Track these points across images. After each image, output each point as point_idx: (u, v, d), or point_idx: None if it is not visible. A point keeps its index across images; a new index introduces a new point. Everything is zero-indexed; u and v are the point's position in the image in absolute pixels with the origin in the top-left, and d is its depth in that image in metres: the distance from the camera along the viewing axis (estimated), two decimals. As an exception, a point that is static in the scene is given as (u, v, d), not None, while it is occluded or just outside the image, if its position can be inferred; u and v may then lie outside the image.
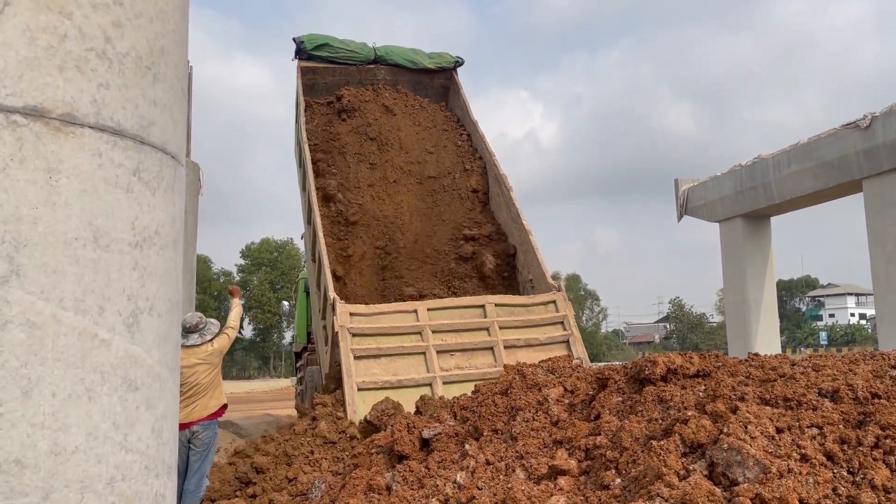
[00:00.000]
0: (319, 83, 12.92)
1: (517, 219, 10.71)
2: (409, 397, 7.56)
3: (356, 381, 7.66)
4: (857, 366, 4.23)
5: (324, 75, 12.89)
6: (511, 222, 11.01)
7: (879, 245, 14.13)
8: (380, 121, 12.18)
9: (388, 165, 11.64)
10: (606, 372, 4.91)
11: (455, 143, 12.43)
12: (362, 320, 8.33)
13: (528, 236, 10.33)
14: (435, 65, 13.41)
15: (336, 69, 12.89)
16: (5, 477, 1.50)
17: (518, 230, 10.71)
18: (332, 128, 11.94)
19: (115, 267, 1.71)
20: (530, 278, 10.33)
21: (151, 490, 1.82)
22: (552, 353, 8.24)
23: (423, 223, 11.32)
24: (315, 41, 12.70)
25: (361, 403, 7.49)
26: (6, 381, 1.51)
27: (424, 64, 13.32)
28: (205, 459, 6.14)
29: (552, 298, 9.25)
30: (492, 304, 8.88)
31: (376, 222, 11.00)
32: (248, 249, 69.17)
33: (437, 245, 11.12)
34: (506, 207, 11.19)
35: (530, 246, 10.24)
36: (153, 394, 1.83)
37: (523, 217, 10.60)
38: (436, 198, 11.62)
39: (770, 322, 18.47)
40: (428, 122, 12.70)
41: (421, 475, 4.72)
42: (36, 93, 1.59)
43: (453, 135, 12.58)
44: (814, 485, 3.06)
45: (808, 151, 15.81)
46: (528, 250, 10.38)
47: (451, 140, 12.46)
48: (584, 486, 3.76)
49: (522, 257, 10.67)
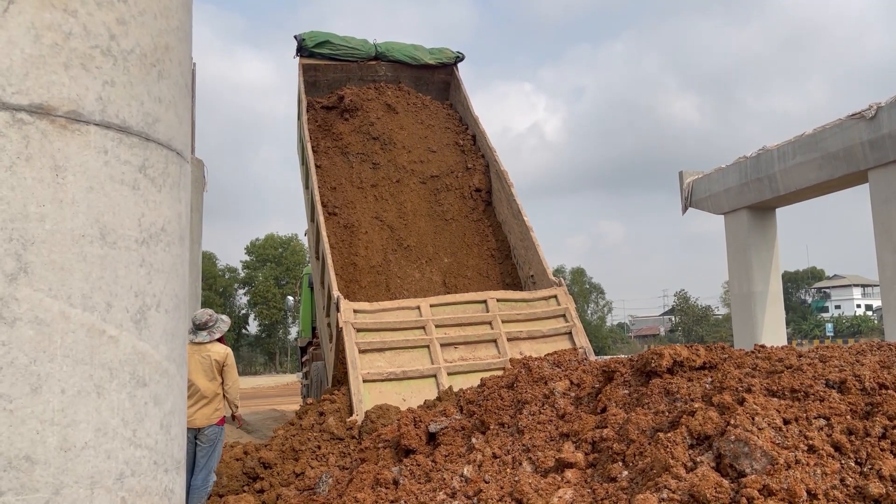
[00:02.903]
0: (321, 80, 12.97)
1: (518, 215, 10.76)
2: (414, 388, 7.65)
3: (361, 374, 7.70)
4: (865, 356, 4.22)
5: (325, 72, 12.95)
6: (512, 218, 11.06)
7: (885, 235, 14.08)
8: (382, 119, 12.13)
9: (390, 165, 11.61)
10: (612, 365, 4.91)
11: (457, 141, 12.42)
12: (366, 316, 8.38)
13: (528, 232, 10.38)
14: (436, 60, 13.43)
15: (337, 66, 12.94)
16: (16, 473, 1.51)
17: (519, 226, 10.76)
18: (335, 128, 11.91)
19: (122, 263, 1.72)
20: (531, 274, 10.38)
21: (161, 485, 1.83)
22: (555, 344, 8.35)
23: (426, 223, 11.32)
24: (316, 38, 12.76)
25: (367, 394, 7.55)
26: (15, 377, 1.52)
27: (425, 60, 13.35)
28: (212, 455, 6.16)
29: (553, 293, 9.31)
30: (494, 300, 8.94)
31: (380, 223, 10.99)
32: (253, 245, 69.27)
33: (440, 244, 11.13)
34: (507, 203, 11.23)
35: (531, 242, 10.29)
36: (161, 389, 1.84)
37: (524, 213, 10.64)
38: (438, 197, 11.61)
39: (776, 314, 18.44)
40: (430, 121, 12.68)
41: (428, 469, 4.73)
42: (41, 91, 1.59)
43: (455, 133, 12.56)
44: (821, 476, 3.05)
45: (814, 142, 15.75)
46: (529, 246, 10.42)
47: (453, 138, 12.45)
48: (591, 478, 3.76)
49: (524, 253, 10.70)
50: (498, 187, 11.61)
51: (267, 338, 68.30)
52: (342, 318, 8.17)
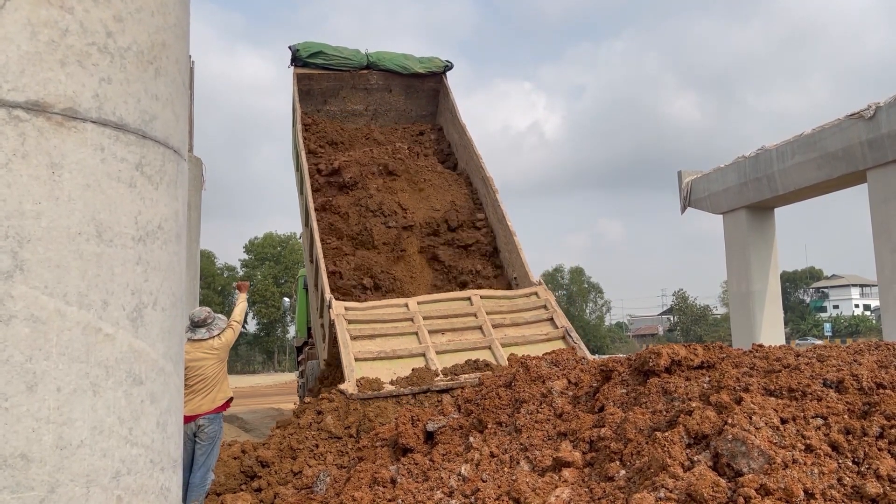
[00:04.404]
0: (315, 89, 13.53)
1: (503, 220, 11.21)
2: (404, 364, 8.03)
3: (353, 353, 8.03)
4: (862, 356, 4.22)
5: (319, 81, 13.48)
6: (497, 223, 11.52)
7: (884, 235, 14.09)
8: (381, 190, 12.17)
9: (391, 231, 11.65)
10: (610, 364, 4.91)
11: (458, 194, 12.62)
12: (357, 313, 8.76)
13: (512, 237, 10.87)
14: (425, 69, 13.90)
15: (331, 75, 13.47)
16: (11, 471, 1.51)
17: (504, 231, 11.22)
18: (335, 200, 11.95)
19: (118, 261, 1.71)
20: (515, 276, 10.86)
21: (157, 484, 1.82)
22: (538, 328, 8.94)
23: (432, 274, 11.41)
24: (310, 49, 13.25)
25: (359, 369, 7.84)
26: (11, 375, 1.52)
27: (415, 69, 13.81)
28: (210, 453, 6.16)
29: (534, 290, 9.76)
30: (477, 296, 9.41)
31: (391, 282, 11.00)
32: (252, 244, 69.28)
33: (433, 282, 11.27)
34: (492, 209, 11.67)
35: (514, 246, 10.78)
36: (158, 388, 1.83)
37: (508, 219, 11.12)
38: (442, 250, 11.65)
39: (774, 313, 18.45)
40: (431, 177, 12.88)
41: (426, 468, 4.73)
42: (38, 88, 1.58)
43: (457, 188, 12.75)
44: (819, 475, 3.06)
45: (812, 142, 15.76)
46: (512, 250, 10.91)
47: (456, 193, 12.64)
48: (588, 477, 3.76)
49: (508, 256, 11.19)
50: (484, 192, 12.04)
51: (265, 336, 68.32)
52: (334, 312, 8.57)
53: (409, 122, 14.26)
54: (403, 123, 14.21)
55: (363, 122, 14.00)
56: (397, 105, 14.21)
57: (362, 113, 14.03)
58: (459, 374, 7.79)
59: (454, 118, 13.24)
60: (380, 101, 14.08)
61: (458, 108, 13.24)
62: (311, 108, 13.58)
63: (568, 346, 8.11)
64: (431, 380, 7.66)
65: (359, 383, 7.52)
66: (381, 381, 7.58)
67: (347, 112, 13.94)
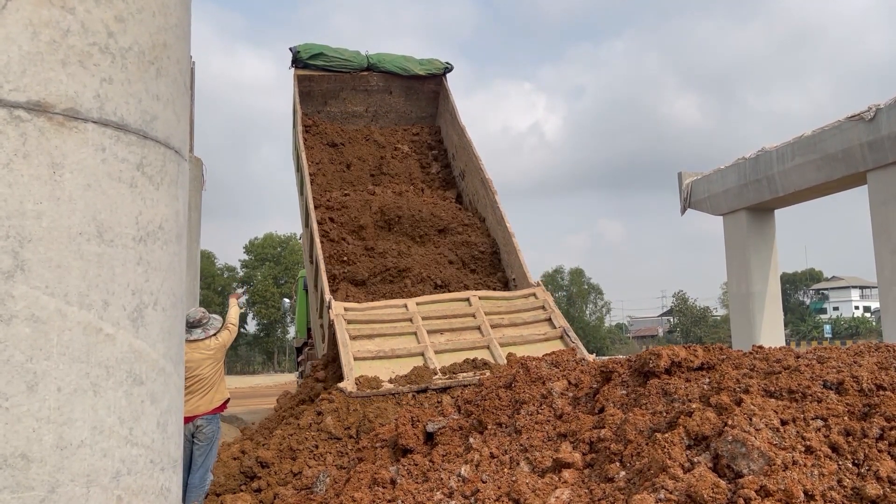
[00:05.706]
0: (315, 90, 13.61)
1: (501, 221, 11.29)
2: (403, 363, 8.06)
3: (352, 352, 8.07)
4: (862, 358, 4.22)
5: (319, 83, 13.57)
6: (496, 224, 11.60)
7: (884, 237, 14.09)
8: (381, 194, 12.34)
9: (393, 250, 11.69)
10: (610, 365, 4.91)
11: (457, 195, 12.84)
12: (356, 313, 8.82)
13: (511, 238, 10.94)
14: (425, 71, 14.00)
15: (331, 77, 13.57)
16: (11, 471, 1.51)
17: (502, 232, 11.29)
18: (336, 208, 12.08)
19: (119, 261, 1.71)
20: (513, 277, 10.96)
21: (157, 484, 1.82)
22: (536, 328, 8.98)
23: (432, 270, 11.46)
24: (310, 50, 13.33)
25: (358, 368, 7.88)
26: (11, 375, 1.52)
27: (415, 70, 13.91)
28: (208, 454, 6.16)
29: (532, 291, 9.83)
30: (476, 297, 9.47)
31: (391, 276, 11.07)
32: (252, 245, 69.24)
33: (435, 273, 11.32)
34: (491, 210, 11.75)
35: (513, 247, 10.86)
36: (158, 388, 1.83)
37: (507, 220, 11.19)
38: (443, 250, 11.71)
39: (774, 315, 18.46)
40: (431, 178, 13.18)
41: (425, 469, 4.73)
42: (39, 88, 1.58)
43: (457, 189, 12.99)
44: (819, 476, 3.06)
45: (812, 144, 15.76)
46: (511, 251, 11.00)
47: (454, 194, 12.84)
48: (588, 478, 3.76)
49: (506, 257, 11.29)
50: (482, 194, 12.12)
51: (265, 337, 68.29)
52: (333, 312, 8.62)
53: (409, 124, 14.37)
54: (403, 125, 14.32)
55: (363, 124, 14.08)
56: (397, 107, 14.29)
57: (362, 114, 14.10)
58: (458, 372, 7.84)
59: (454, 120, 13.32)
60: (380, 103, 14.16)
61: (458, 110, 13.33)
62: (311, 109, 13.65)
63: (566, 347, 8.15)
64: (430, 378, 7.70)
65: (358, 381, 7.56)
66: (379, 380, 7.62)
67: (348, 113, 14.01)
